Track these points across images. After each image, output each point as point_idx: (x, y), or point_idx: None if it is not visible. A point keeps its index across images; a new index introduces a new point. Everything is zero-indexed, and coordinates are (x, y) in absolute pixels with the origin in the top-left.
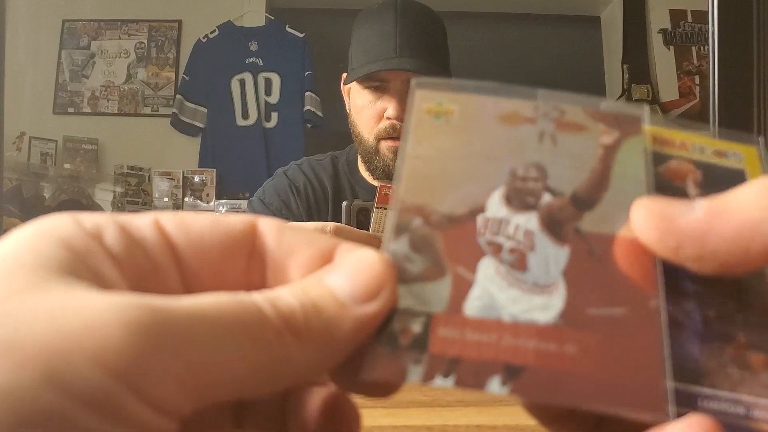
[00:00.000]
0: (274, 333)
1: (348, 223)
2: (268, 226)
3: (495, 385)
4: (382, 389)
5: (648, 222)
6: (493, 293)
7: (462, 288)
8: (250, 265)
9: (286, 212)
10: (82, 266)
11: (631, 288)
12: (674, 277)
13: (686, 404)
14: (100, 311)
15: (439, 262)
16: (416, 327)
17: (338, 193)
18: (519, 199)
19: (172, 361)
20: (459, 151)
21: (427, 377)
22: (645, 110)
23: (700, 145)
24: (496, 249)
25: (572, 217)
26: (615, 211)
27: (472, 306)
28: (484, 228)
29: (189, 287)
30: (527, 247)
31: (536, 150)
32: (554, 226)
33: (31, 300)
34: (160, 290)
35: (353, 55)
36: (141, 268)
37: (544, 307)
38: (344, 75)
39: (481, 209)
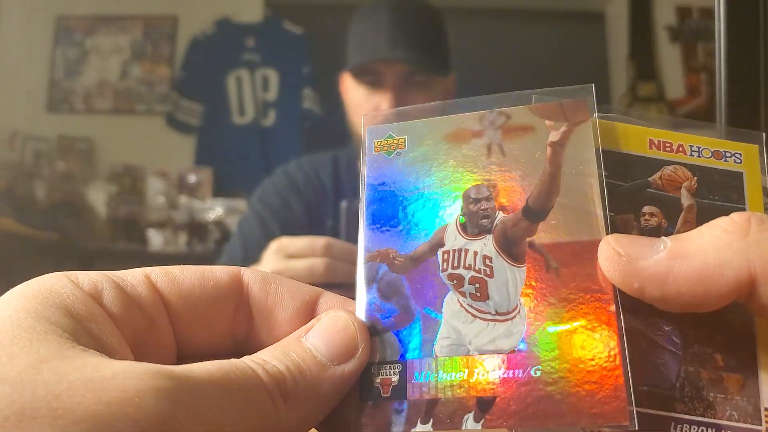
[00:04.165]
0: (267, 396)
1: (347, 224)
2: (253, 278)
3: (470, 422)
4: None
5: (612, 263)
6: (459, 329)
7: (431, 329)
8: (236, 315)
9: (287, 212)
10: (85, 333)
11: (589, 297)
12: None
13: (660, 429)
14: (132, 380)
15: (408, 306)
16: (394, 377)
17: (339, 192)
18: (474, 224)
19: (192, 423)
20: (413, 185)
21: (409, 425)
22: (591, 91)
23: (698, 146)
24: (458, 282)
25: (526, 231)
26: (568, 216)
27: (441, 346)
28: (445, 262)
29: (180, 339)
30: (487, 275)
31: (486, 166)
32: (509, 245)
33: (62, 369)
34: (156, 344)
35: (349, 51)
36: (138, 326)
37: (508, 334)
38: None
39: (440, 243)
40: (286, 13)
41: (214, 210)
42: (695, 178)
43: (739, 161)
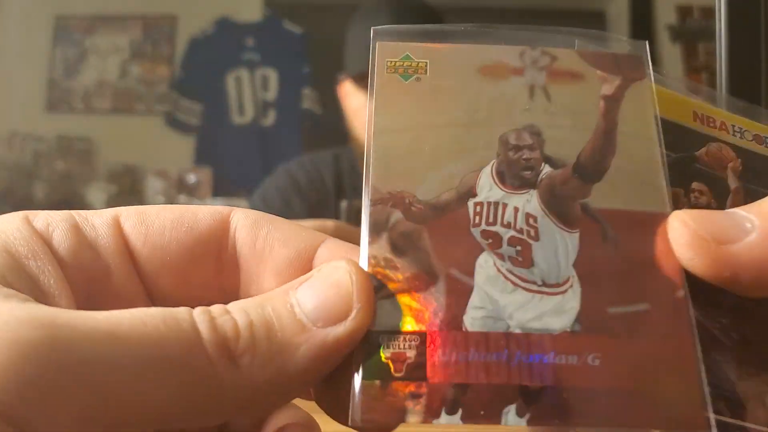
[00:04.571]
0: (204, 356)
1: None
2: (243, 221)
3: (512, 417)
4: (377, 427)
5: (697, 249)
6: (497, 299)
7: (459, 296)
8: (221, 266)
9: (287, 211)
10: (20, 271)
11: (654, 277)
12: (709, 284)
13: None
14: None
15: (429, 264)
16: (409, 352)
17: (341, 191)
18: (514, 174)
19: (70, 391)
20: (436, 119)
21: (430, 415)
22: (645, 48)
23: (739, 127)
24: (495, 241)
25: (578, 192)
26: (626, 182)
27: (473, 318)
28: (477, 216)
29: (153, 291)
30: (531, 236)
31: (528, 109)
32: (559, 205)
33: None
34: (114, 297)
35: (348, 56)
36: (90, 272)
37: (558, 311)
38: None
39: (471, 192)
40: (286, 12)
41: None
42: (739, 160)
43: None
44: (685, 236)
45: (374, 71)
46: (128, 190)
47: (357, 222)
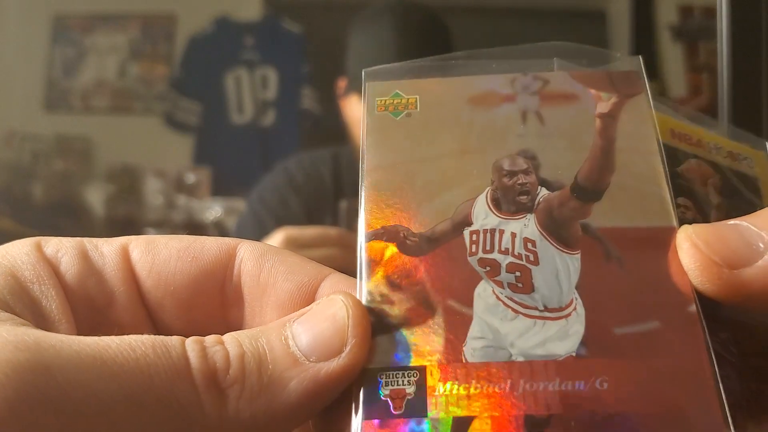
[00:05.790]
0: (190, 388)
1: (348, 225)
2: (250, 253)
3: None
4: None
5: (707, 274)
6: (497, 327)
7: (458, 327)
8: (225, 298)
9: (284, 211)
10: (23, 295)
11: (663, 293)
12: (707, 298)
13: None
14: None
15: (426, 297)
16: (409, 388)
17: (339, 190)
18: (510, 200)
19: (48, 415)
20: (428, 152)
21: None
22: (640, 64)
23: (715, 144)
24: (493, 269)
25: (578, 212)
26: (627, 197)
27: (473, 349)
28: (474, 244)
29: (156, 323)
30: (530, 261)
31: (521, 134)
32: (558, 227)
33: None
34: (117, 325)
35: (349, 64)
36: (95, 300)
37: (562, 336)
38: (341, 83)
39: (466, 221)
40: (285, 11)
41: (213, 210)
42: (718, 176)
43: (751, 166)
44: (696, 261)
45: (366, 111)
46: (127, 189)
47: (356, 224)
